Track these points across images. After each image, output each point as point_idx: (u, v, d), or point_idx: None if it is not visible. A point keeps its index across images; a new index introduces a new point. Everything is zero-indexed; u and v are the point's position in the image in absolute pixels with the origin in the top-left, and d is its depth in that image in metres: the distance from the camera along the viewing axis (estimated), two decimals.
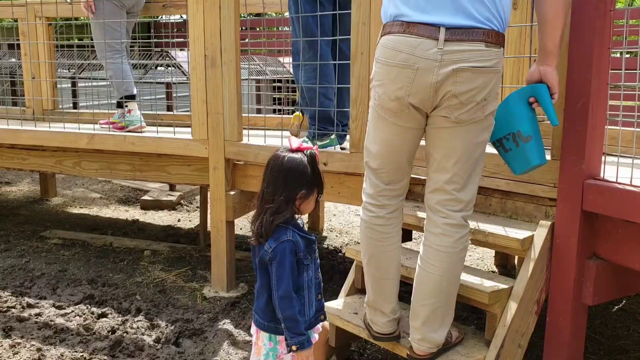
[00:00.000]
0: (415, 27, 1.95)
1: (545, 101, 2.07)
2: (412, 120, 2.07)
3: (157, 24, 8.32)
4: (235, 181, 3.56)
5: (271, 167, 2.06)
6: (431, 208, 2.15)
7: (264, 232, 2.01)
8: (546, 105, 2.07)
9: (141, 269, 4.01)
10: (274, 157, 2.07)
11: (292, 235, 2.01)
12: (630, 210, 2.03)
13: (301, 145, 2.07)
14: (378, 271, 2.27)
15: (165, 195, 5.81)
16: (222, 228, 3.52)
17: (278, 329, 2.06)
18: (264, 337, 2.11)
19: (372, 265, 2.29)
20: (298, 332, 1.99)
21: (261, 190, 2.08)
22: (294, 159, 2.03)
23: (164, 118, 4.74)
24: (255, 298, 2.14)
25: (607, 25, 2.12)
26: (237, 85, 3.37)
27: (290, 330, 1.98)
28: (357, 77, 2.91)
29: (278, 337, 2.08)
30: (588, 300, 2.28)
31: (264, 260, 2.02)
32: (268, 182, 2.05)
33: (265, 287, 2.05)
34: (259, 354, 2.14)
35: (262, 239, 2.02)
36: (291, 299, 1.98)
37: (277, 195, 2.01)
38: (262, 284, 2.06)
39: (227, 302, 3.43)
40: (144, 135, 3.71)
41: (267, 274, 2.04)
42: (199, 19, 3.37)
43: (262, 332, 2.11)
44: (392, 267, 2.27)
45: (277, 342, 2.10)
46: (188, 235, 4.85)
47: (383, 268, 2.26)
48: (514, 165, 2.20)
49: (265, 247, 2.01)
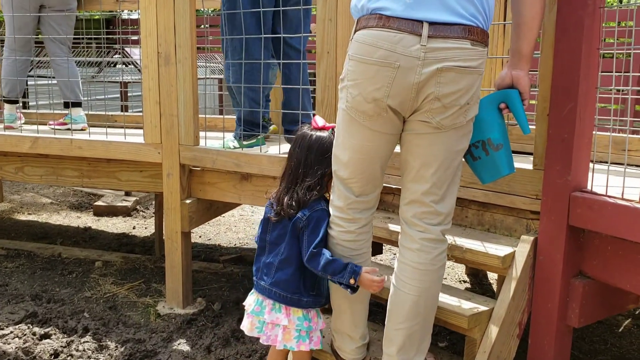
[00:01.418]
0: (396, 21, 1.74)
1: (518, 108, 1.93)
2: (388, 125, 1.86)
3: (113, 20, 7.99)
4: (191, 189, 3.31)
5: (300, 145, 2.13)
6: (407, 221, 1.95)
7: (297, 204, 2.07)
8: (518, 112, 1.93)
9: (91, 282, 3.72)
10: (301, 135, 2.15)
11: (325, 206, 2.09)
12: (623, 226, 1.85)
13: (325, 124, 2.15)
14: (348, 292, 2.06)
15: (120, 200, 5.51)
16: (177, 239, 3.26)
17: (301, 302, 2.12)
18: (295, 318, 2.12)
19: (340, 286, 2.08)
20: (341, 268, 1.98)
21: (288, 166, 2.16)
22: (322, 137, 2.12)
23: (117, 119, 4.46)
24: (274, 271, 2.13)
25: (596, 24, 1.94)
26: (193, 84, 3.12)
27: (335, 273, 1.98)
28: (324, 77, 2.69)
29: (310, 313, 2.15)
30: (574, 322, 2.10)
31: (297, 227, 2.06)
32: (297, 159, 2.12)
33: (294, 258, 2.09)
34: (288, 339, 2.12)
35: (294, 210, 2.06)
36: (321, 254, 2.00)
37: (311, 171, 2.09)
38: (290, 255, 2.09)
39: (183, 320, 3.17)
40: (92, 139, 3.42)
41: (296, 243, 2.08)
42: (152, 13, 3.11)
43: (294, 312, 2.12)
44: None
45: (310, 319, 2.14)
46: (143, 244, 4.57)
47: None
48: (483, 175, 2.05)
49: (299, 215, 2.06)
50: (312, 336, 2.17)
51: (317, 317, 2.19)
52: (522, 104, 1.91)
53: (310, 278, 2.13)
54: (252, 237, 4.85)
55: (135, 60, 6.65)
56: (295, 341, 2.13)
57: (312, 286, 2.15)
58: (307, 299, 2.13)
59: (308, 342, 2.15)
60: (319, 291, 2.17)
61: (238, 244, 4.67)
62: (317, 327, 2.18)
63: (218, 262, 4.17)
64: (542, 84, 2.09)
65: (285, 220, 2.11)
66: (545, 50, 2.07)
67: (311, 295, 2.14)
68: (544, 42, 2.06)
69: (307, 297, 2.13)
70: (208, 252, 4.42)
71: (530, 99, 1.97)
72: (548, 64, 2.05)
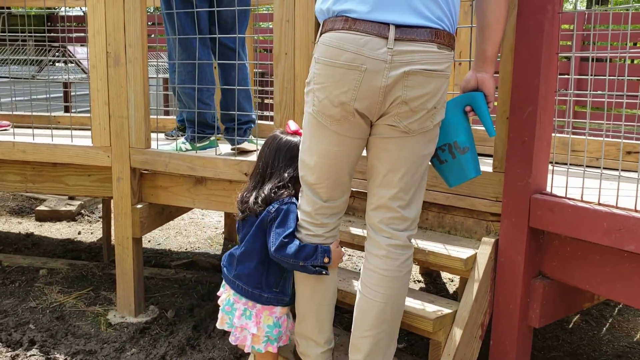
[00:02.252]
0: (362, 23, 1.71)
1: (483, 111, 1.93)
2: (355, 129, 1.83)
3: (54, 17, 7.71)
4: (142, 193, 3.20)
5: (269, 146, 2.17)
6: (373, 227, 1.93)
7: (264, 201, 2.07)
8: (483, 115, 1.94)
9: (36, 292, 3.55)
10: (272, 137, 2.19)
11: (296, 201, 2.08)
12: (583, 228, 1.88)
13: (298, 130, 2.15)
14: (314, 296, 2.03)
15: (64, 204, 5.30)
16: (128, 246, 3.15)
17: (262, 297, 2.11)
18: (265, 326, 2.12)
19: (306, 289, 2.04)
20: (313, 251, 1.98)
21: (257, 166, 2.18)
22: (291, 140, 2.14)
23: (61, 120, 4.28)
24: (235, 263, 2.15)
25: (555, 28, 1.96)
26: (144, 85, 3.02)
27: (309, 256, 1.98)
28: (281, 79, 2.65)
29: (280, 320, 2.15)
30: (534, 322, 2.13)
31: (264, 221, 2.06)
32: (265, 160, 2.15)
33: (256, 252, 2.09)
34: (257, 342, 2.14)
35: (261, 207, 2.07)
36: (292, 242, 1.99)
37: (278, 172, 2.11)
38: (252, 249, 2.10)
39: (136, 329, 3.07)
40: (37, 142, 3.27)
41: (260, 237, 2.08)
42: (100, 11, 2.99)
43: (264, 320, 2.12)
44: (329, 291, 2.04)
45: (280, 324, 2.15)
46: (90, 250, 4.41)
47: (319, 292, 2.03)
48: (450, 178, 2.05)
49: (268, 208, 2.06)
50: (282, 337, 2.19)
51: (288, 320, 2.21)
52: (487, 106, 1.91)
53: (274, 274, 2.12)
54: (203, 241, 4.76)
55: (79, 60, 6.42)
56: (264, 344, 2.15)
57: (276, 283, 2.13)
58: (267, 295, 2.12)
59: (276, 345, 2.16)
60: (282, 289, 2.15)
61: (189, 249, 4.56)
62: (286, 330, 2.19)
63: (169, 267, 4.06)
64: (502, 87, 2.11)
65: (252, 218, 2.11)
66: (505, 54, 2.08)
67: (273, 292, 2.13)
68: (504, 46, 2.08)
69: (269, 294, 2.12)
70: (158, 258, 4.30)
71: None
72: (508, 67, 2.07)
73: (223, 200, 2.97)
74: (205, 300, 3.46)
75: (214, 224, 5.20)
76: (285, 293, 2.15)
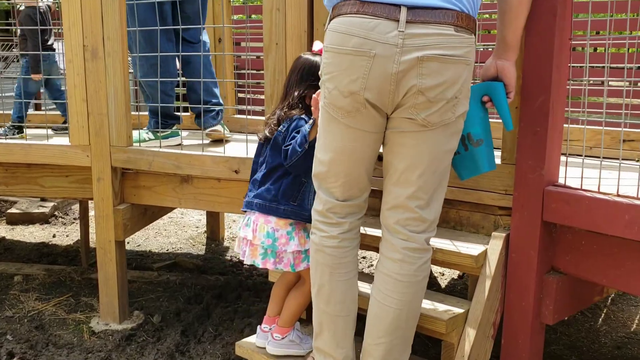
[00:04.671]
0: (371, 6, 1.60)
1: (501, 101, 1.82)
2: (369, 122, 1.71)
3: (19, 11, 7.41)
4: (124, 193, 3.04)
5: (292, 65, 2.19)
6: (389, 228, 1.80)
7: (278, 121, 2.11)
8: (501, 106, 1.83)
9: (12, 300, 3.37)
10: (297, 57, 2.20)
11: (305, 117, 2.09)
12: (602, 220, 1.80)
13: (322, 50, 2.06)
14: (329, 306, 1.89)
15: (37, 206, 5.09)
16: (110, 249, 2.99)
17: (279, 210, 2.09)
18: (261, 235, 2.10)
19: (322, 297, 1.90)
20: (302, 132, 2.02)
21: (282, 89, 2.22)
22: (310, 58, 2.14)
23: (32, 119, 4.08)
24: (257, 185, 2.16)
25: (567, 12, 1.87)
26: (124, 80, 2.87)
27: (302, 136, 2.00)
28: (272, 71, 2.52)
29: (277, 233, 2.10)
30: (548, 319, 2.05)
31: (278, 140, 2.09)
32: (285, 80, 2.21)
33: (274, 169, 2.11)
34: (254, 255, 2.13)
35: (276, 126, 2.11)
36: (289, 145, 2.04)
37: (290, 91, 2.13)
38: (270, 168, 2.12)
39: (122, 336, 2.92)
40: (9, 142, 3.08)
41: (277, 155, 2.10)
42: (75, 1, 2.82)
43: (260, 229, 2.10)
44: (347, 301, 1.90)
45: (275, 238, 2.10)
46: (66, 253, 4.22)
47: (336, 302, 1.88)
48: (462, 171, 1.97)
49: (280, 128, 2.10)
50: (282, 257, 2.13)
51: (289, 240, 2.12)
52: (506, 97, 1.81)
53: (291, 187, 2.11)
54: (184, 241, 4.60)
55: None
56: (261, 258, 2.13)
57: (293, 197, 2.11)
58: (284, 207, 2.10)
59: (273, 261, 2.12)
60: (301, 202, 2.11)
61: (171, 249, 4.40)
62: (286, 249, 2.12)
63: (152, 270, 3.90)
64: None
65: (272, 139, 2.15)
66: None
67: (291, 204, 2.10)
68: None
69: (285, 206, 2.10)
70: (139, 260, 4.13)
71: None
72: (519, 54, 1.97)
73: (212, 199, 2.83)
74: (192, 303, 3.32)
75: (195, 223, 5.05)
76: (304, 207, 2.11)
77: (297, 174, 2.08)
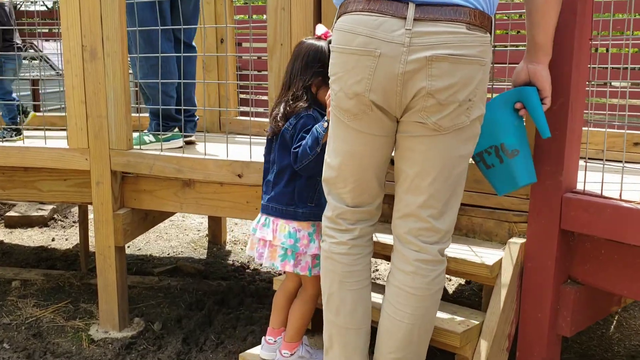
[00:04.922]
0: (378, 3, 1.52)
1: (535, 107, 1.72)
2: (377, 126, 1.63)
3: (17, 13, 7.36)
4: (124, 197, 2.96)
5: (293, 52, 2.06)
6: (400, 238, 1.72)
7: (284, 116, 2.00)
8: (536, 112, 1.72)
9: (9, 306, 3.29)
10: (298, 43, 2.07)
11: (312, 112, 2.00)
12: (627, 230, 1.71)
13: (327, 33, 2.00)
14: (338, 317, 1.79)
15: (35, 209, 5.00)
16: (110, 255, 2.91)
17: (297, 213, 2.02)
18: (281, 235, 2.03)
19: (331, 307, 1.82)
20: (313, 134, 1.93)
21: (284, 76, 2.08)
22: (314, 43, 2.01)
23: (31, 122, 3.99)
24: (271, 187, 2.08)
25: (588, 10, 1.79)
26: (124, 81, 2.79)
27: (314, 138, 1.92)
28: (277, 72, 2.44)
29: (299, 233, 2.02)
30: (565, 331, 1.97)
31: (285, 138, 2.00)
32: (287, 69, 2.06)
33: (285, 169, 2.02)
34: (273, 257, 2.05)
35: (282, 122, 2.00)
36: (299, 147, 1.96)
37: (295, 80, 2.01)
38: (281, 167, 2.03)
39: (122, 345, 2.84)
40: (6, 145, 3.01)
41: (286, 155, 2.01)
42: (74, 1, 2.74)
43: (280, 229, 2.03)
44: (358, 313, 1.80)
45: (297, 239, 2.02)
46: (65, 258, 4.14)
47: (345, 313, 1.79)
48: (498, 185, 1.85)
49: (286, 125, 2.00)
50: (300, 259, 2.05)
51: (310, 242, 2.04)
52: (540, 103, 1.71)
53: (307, 189, 2.03)
54: (185, 244, 4.52)
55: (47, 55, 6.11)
56: (280, 260, 2.04)
57: (310, 198, 2.04)
58: (303, 210, 2.02)
59: (293, 263, 2.03)
60: (318, 202, 2.03)
61: (172, 254, 4.32)
62: (307, 251, 2.03)
63: (152, 275, 3.82)
64: None
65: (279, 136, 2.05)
66: None
67: (309, 206, 2.03)
68: None
69: (304, 209, 2.03)
70: (140, 264, 4.05)
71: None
72: None
73: (214, 204, 2.75)
74: (194, 309, 3.24)
75: (196, 226, 4.97)
76: (323, 207, 1.99)
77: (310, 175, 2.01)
